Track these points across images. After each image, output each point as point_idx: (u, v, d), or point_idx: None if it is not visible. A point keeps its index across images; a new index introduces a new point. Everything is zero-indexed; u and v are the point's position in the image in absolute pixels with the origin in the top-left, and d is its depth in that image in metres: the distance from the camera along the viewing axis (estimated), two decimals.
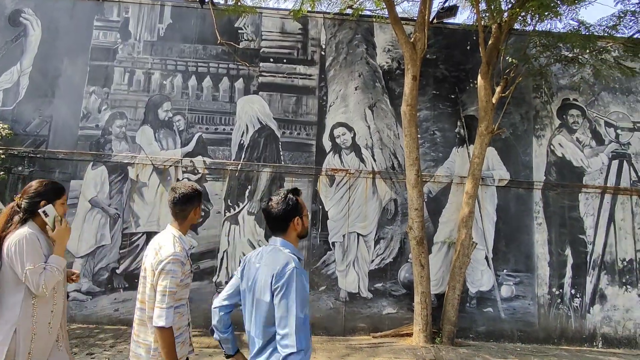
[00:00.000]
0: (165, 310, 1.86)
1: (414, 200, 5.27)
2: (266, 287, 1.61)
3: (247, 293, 1.76)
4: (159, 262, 1.92)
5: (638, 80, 6.34)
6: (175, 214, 2.11)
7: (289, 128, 6.04)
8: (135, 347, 2.02)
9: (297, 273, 1.59)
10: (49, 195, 2.11)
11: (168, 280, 1.89)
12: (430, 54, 6.29)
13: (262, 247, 1.83)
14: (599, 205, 6.07)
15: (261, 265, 1.70)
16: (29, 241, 1.99)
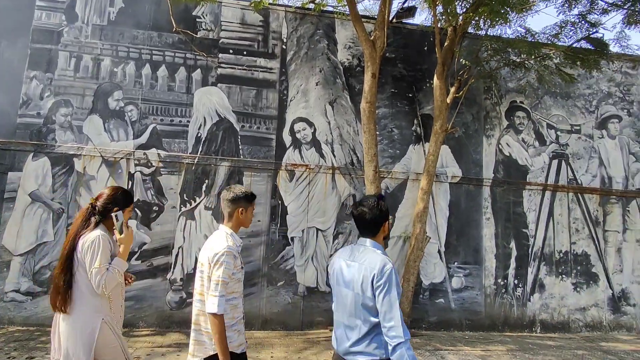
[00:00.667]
0: (217, 298, 1.99)
1: None
2: (367, 284, 1.79)
3: (341, 288, 1.94)
4: (214, 254, 2.06)
5: (576, 87, 6.86)
6: (224, 211, 2.31)
7: (249, 122, 5.94)
8: (197, 336, 2.14)
9: (394, 273, 1.79)
10: (121, 202, 2.33)
11: (221, 271, 2.03)
12: (390, 53, 6.43)
13: (351, 246, 2.02)
14: (540, 201, 6.53)
15: (357, 264, 1.88)
16: (102, 243, 2.17)
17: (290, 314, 5.60)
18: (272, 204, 5.80)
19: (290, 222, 5.81)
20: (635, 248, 6.71)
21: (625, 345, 5.77)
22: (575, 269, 6.47)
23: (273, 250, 5.70)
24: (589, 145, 6.85)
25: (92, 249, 2.14)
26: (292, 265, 5.71)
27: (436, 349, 4.99)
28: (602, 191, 6.74)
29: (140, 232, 5.41)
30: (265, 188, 5.81)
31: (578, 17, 5.87)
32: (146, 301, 5.32)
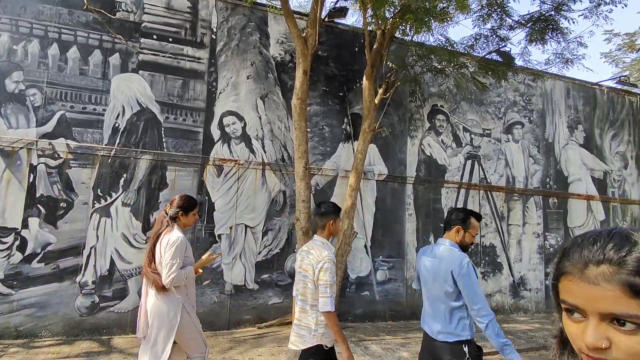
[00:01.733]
0: (329, 298, 2.31)
1: (301, 192, 5.42)
2: (447, 276, 2.24)
3: (428, 279, 2.40)
4: (318, 261, 2.38)
5: (488, 94, 7.57)
6: (317, 224, 2.62)
7: (174, 113, 5.62)
8: (298, 330, 2.47)
9: (472, 265, 2.25)
10: (187, 208, 2.81)
11: (327, 275, 2.35)
12: (322, 51, 6.50)
13: (432, 246, 2.50)
14: (456, 198, 7.11)
15: (439, 260, 2.34)
16: (181, 244, 2.64)
17: (216, 313, 5.43)
18: (199, 200, 5.54)
19: (218, 218, 5.62)
20: (532, 240, 7.61)
21: (522, 325, 6.53)
22: (484, 260, 7.16)
23: (199, 248, 5.47)
24: (497, 148, 7.61)
25: (172, 247, 2.60)
26: (218, 264, 5.54)
27: (360, 340, 5.19)
28: (507, 189, 7.54)
29: (44, 231, 4.84)
30: (191, 183, 5.54)
31: (490, 32, 6.46)
32: (51, 308, 4.79)
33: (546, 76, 8.12)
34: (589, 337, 0.60)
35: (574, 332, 0.63)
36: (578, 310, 0.62)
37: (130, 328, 5.02)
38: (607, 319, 0.59)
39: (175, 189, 5.43)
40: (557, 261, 0.67)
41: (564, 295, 0.64)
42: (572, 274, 0.63)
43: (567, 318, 0.65)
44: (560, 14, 6.14)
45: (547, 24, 6.18)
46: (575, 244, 0.66)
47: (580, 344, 0.62)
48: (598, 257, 0.61)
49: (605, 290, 0.59)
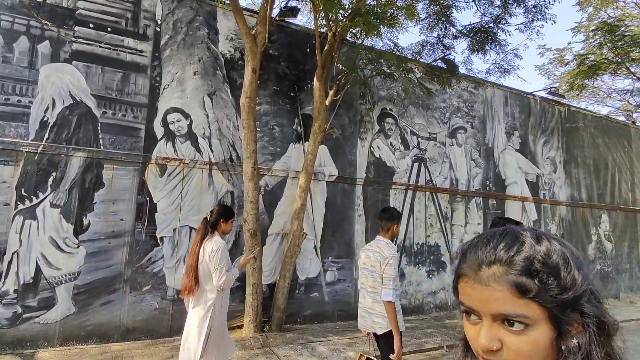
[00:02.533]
0: (391, 289, 2.76)
1: (249, 193, 5.30)
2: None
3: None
4: (384, 258, 2.85)
5: (434, 100, 7.88)
6: (382, 227, 3.06)
7: (112, 108, 5.26)
8: (372, 317, 2.92)
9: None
10: (226, 216, 3.11)
11: (391, 270, 2.81)
12: (274, 50, 6.42)
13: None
14: (403, 199, 7.32)
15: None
16: (224, 249, 2.94)
17: (157, 320, 5.15)
18: (139, 201, 5.25)
19: (160, 220, 5.34)
20: None
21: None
22: (429, 259, 7.44)
23: (138, 252, 5.16)
24: (442, 151, 7.95)
25: (217, 253, 2.89)
26: (160, 268, 5.26)
27: (308, 342, 5.16)
28: (451, 191, 7.90)
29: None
30: (130, 183, 5.22)
31: (436, 39, 6.74)
32: None
33: (486, 84, 8.62)
34: (482, 339, 0.60)
35: (472, 334, 0.63)
36: (474, 312, 0.62)
37: (59, 340, 4.62)
38: (499, 320, 0.59)
39: (112, 188, 5.09)
40: (457, 263, 0.67)
41: (462, 297, 0.64)
42: (467, 276, 0.63)
43: (466, 320, 0.64)
44: (498, 26, 6.54)
45: (487, 35, 6.56)
46: (472, 245, 0.66)
47: (476, 346, 0.62)
48: (489, 257, 0.61)
49: (496, 290, 0.59)
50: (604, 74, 9.82)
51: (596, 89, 12.06)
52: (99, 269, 4.92)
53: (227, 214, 3.14)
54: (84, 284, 4.83)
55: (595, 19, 10.99)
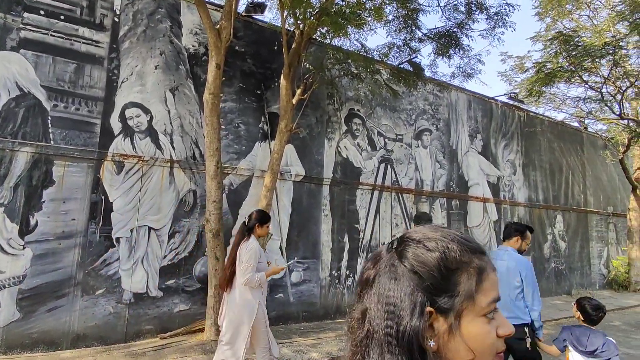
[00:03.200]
0: None
1: (212, 192, 5.14)
2: (516, 274, 2.98)
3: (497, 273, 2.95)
4: None
5: (400, 102, 8.00)
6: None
7: (64, 100, 4.95)
8: None
9: (531, 266, 3.06)
10: (261, 220, 3.45)
11: None
12: (240, 47, 6.28)
13: (498, 251, 3.25)
14: (370, 199, 7.37)
15: (507, 261, 3.04)
16: (256, 251, 3.24)
17: (111, 326, 4.89)
18: (93, 199, 4.97)
19: (116, 220, 5.08)
20: None
21: None
22: None
23: (92, 253, 4.88)
24: (408, 152, 8.08)
25: (249, 254, 3.19)
26: (116, 270, 5.00)
27: None
28: (416, 192, 8.04)
29: None
30: (84, 181, 4.93)
31: (403, 42, 6.83)
32: None
33: (451, 88, 8.85)
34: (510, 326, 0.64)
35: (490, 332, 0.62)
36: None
37: (2, 348, 4.29)
38: None
39: (63, 186, 4.78)
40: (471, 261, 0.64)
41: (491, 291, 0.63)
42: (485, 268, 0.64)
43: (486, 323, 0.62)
44: (462, 31, 6.72)
45: (451, 39, 6.72)
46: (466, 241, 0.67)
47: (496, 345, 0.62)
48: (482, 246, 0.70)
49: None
50: (559, 82, 10.33)
51: (553, 95, 12.68)
52: (47, 272, 4.61)
53: (263, 219, 3.46)
54: (29, 288, 4.51)
55: (552, 29, 11.54)
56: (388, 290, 0.60)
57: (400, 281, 0.60)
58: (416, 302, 0.58)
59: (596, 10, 11.75)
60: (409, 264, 0.61)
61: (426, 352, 0.56)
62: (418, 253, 0.61)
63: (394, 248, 0.65)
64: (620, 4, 9.69)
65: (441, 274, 0.60)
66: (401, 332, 0.56)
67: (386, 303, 0.59)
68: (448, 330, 0.58)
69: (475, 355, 0.58)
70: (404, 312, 0.57)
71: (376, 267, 0.64)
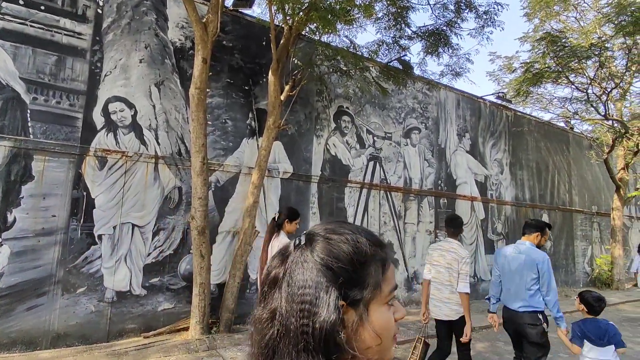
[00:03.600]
0: (467, 283, 3.39)
1: (198, 189, 5.06)
2: (533, 266, 3.24)
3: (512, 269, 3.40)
4: (461, 257, 3.47)
5: (390, 100, 7.99)
6: (451, 232, 3.66)
7: (45, 94, 4.81)
8: (449, 306, 3.48)
9: (549, 260, 3.27)
10: (290, 217, 3.58)
11: (468, 267, 3.44)
12: (227, 42, 6.19)
13: (517, 246, 3.47)
14: (358, 197, 7.35)
15: (525, 255, 3.32)
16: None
17: (93, 324, 4.78)
18: (75, 195, 4.84)
19: (99, 217, 4.96)
20: (424, 237, 8.24)
21: (414, 317, 6.99)
22: None
23: (73, 250, 4.76)
24: (397, 150, 8.08)
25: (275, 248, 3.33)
26: (98, 268, 4.89)
27: None
28: (404, 190, 8.05)
29: None
30: (64, 176, 4.80)
31: (392, 39, 6.81)
32: None
33: (440, 87, 8.87)
34: (403, 310, 0.70)
35: (390, 318, 0.66)
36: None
37: None
38: None
39: (43, 182, 4.65)
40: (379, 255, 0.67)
41: (393, 280, 0.67)
42: (388, 260, 0.69)
43: (388, 309, 0.66)
44: (451, 30, 6.73)
45: (440, 38, 6.72)
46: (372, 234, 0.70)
47: (394, 329, 0.66)
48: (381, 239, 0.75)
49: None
50: (547, 82, 10.45)
51: (540, 96, 12.84)
52: (26, 269, 4.48)
53: (292, 216, 3.55)
54: (7, 287, 4.37)
55: (540, 30, 11.67)
56: (301, 287, 0.59)
57: (314, 277, 0.59)
58: (331, 297, 0.58)
59: (583, 12, 11.92)
60: (322, 260, 0.60)
61: (339, 345, 0.57)
62: (330, 248, 0.62)
63: (304, 244, 0.64)
64: (607, 7, 9.82)
65: (354, 267, 0.61)
66: (318, 330, 0.56)
67: (300, 301, 0.58)
68: (358, 321, 0.60)
69: (382, 340, 0.61)
70: (319, 308, 0.57)
71: (284, 265, 0.63)
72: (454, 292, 3.46)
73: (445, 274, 3.51)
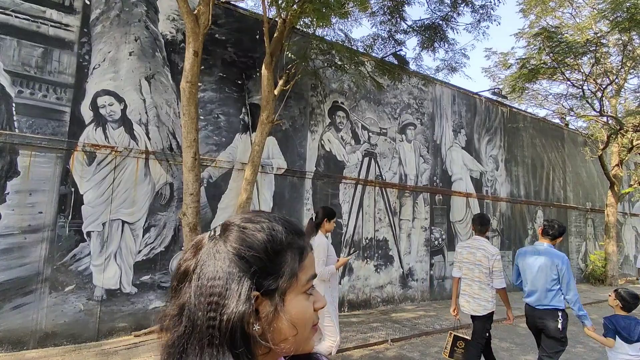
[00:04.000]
0: (502, 279, 3.62)
1: (189, 185, 4.95)
2: (553, 267, 3.34)
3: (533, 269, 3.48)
4: (491, 254, 3.65)
5: (385, 95, 7.91)
6: (479, 229, 3.83)
7: (31, 87, 4.68)
8: (478, 302, 3.65)
9: (569, 261, 3.37)
10: (330, 216, 3.65)
11: (500, 264, 3.62)
12: (220, 35, 6.07)
13: (535, 247, 3.56)
14: (353, 193, 7.28)
15: (545, 256, 3.42)
16: (324, 246, 3.49)
17: (82, 323, 4.68)
18: (62, 191, 4.72)
19: (88, 213, 4.85)
20: (419, 233, 8.20)
21: (408, 314, 6.96)
22: (377, 253, 7.48)
23: (61, 248, 4.65)
24: (392, 146, 8.01)
25: (318, 249, 3.31)
26: (87, 265, 4.78)
27: None
28: (400, 186, 7.99)
29: None
30: (52, 172, 4.68)
31: (387, 33, 6.72)
32: None
33: (435, 82, 8.80)
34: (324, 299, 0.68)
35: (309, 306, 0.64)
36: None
37: None
38: None
39: (29, 178, 4.53)
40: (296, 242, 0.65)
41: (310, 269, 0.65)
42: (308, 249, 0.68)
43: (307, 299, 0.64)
44: (447, 24, 6.65)
45: (436, 32, 6.64)
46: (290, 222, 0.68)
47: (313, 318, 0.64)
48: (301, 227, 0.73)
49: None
50: (542, 78, 10.42)
51: (535, 92, 12.82)
52: (12, 267, 4.36)
53: (331, 215, 3.64)
54: None
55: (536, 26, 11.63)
56: (211, 279, 0.56)
57: (225, 268, 0.57)
58: (242, 288, 0.56)
59: (578, 8, 11.89)
60: (234, 250, 0.58)
61: (250, 338, 0.55)
62: (244, 237, 0.59)
63: (218, 235, 0.61)
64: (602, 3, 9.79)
65: (268, 256, 0.59)
66: (224, 323, 0.54)
67: (209, 294, 0.55)
68: (274, 311, 0.58)
69: (298, 330, 0.59)
70: (228, 300, 0.55)
71: (196, 258, 0.60)
72: (483, 288, 3.64)
73: (475, 271, 3.69)
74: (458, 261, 3.89)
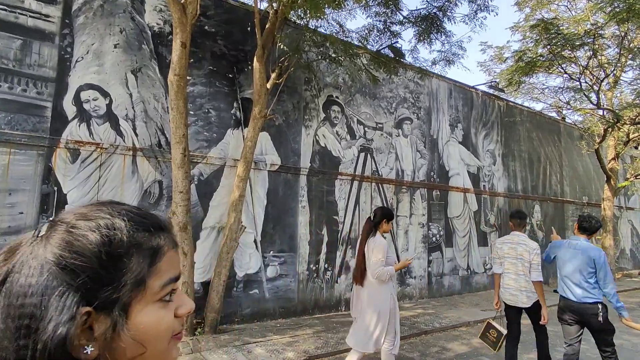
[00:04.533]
0: (539, 272, 3.72)
1: (179, 182, 4.75)
2: (590, 261, 3.48)
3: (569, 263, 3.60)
4: (532, 249, 3.78)
5: (380, 89, 7.73)
6: (517, 224, 3.99)
7: (9, 81, 4.44)
8: (525, 294, 3.79)
9: (605, 255, 3.52)
10: (387, 217, 3.58)
11: (539, 258, 3.77)
12: (210, 27, 5.84)
13: (573, 241, 3.68)
14: (349, 190, 7.11)
15: (582, 250, 3.55)
16: (383, 246, 3.42)
17: None
18: (44, 190, 4.50)
19: None
20: (417, 230, 8.05)
21: (407, 312, 6.81)
22: None
23: None
24: (388, 141, 7.84)
25: (377, 249, 3.38)
26: None
27: (245, 343, 4.77)
28: (397, 182, 7.82)
29: None
30: (32, 170, 4.45)
31: (383, 24, 6.53)
32: None
33: (432, 75, 8.64)
34: (191, 303, 0.61)
35: (168, 316, 0.55)
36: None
37: None
38: None
39: (8, 176, 4.30)
40: (155, 241, 0.55)
41: (173, 271, 0.57)
42: (170, 247, 0.58)
43: (163, 308, 0.55)
44: (444, 15, 6.47)
45: (432, 23, 6.46)
46: (153, 216, 0.59)
47: (176, 327, 0.56)
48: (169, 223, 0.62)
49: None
50: (539, 71, 10.30)
51: (532, 85, 12.71)
52: None
53: (389, 216, 3.59)
54: None
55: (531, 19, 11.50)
56: (21, 296, 0.45)
57: (41, 282, 0.45)
58: (65, 305, 0.44)
59: (574, 1, 11.78)
60: (55, 257, 0.46)
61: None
62: (71, 240, 0.48)
63: (41, 236, 0.49)
64: None
65: (102, 263, 0.48)
66: (39, 352, 0.43)
67: (19, 315, 0.44)
68: (112, 328, 0.48)
69: (148, 347, 0.50)
70: (46, 322, 0.44)
71: (7, 267, 0.47)
72: (528, 280, 3.76)
73: (518, 265, 3.80)
74: (499, 257, 3.96)
